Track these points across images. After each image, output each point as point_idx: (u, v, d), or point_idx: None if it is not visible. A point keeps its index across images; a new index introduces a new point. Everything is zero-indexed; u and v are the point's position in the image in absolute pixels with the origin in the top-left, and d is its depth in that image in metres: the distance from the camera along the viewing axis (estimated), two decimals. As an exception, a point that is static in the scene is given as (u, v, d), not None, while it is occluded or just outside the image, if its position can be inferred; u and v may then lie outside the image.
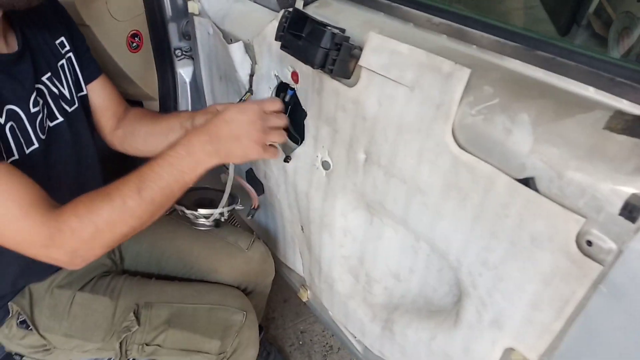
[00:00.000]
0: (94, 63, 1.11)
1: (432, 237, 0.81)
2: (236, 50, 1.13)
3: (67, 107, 1.00)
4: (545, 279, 0.65)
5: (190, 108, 1.64)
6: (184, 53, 1.56)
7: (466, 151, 0.70)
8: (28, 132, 0.87)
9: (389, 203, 0.87)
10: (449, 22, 0.75)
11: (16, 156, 0.84)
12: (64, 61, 1.01)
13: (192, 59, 1.58)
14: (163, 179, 0.82)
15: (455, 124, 0.71)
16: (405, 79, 0.75)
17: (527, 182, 0.64)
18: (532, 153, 0.62)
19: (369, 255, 1.04)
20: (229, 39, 1.19)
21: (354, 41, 0.84)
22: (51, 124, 0.96)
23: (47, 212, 0.77)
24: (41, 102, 0.92)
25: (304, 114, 1.03)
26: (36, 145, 0.89)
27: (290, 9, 0.93)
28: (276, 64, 1.06)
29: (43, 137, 0.91)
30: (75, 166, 1.03)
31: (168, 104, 1.61)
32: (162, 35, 1.49)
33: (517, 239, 0.67)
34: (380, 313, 1.05)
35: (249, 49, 1.14)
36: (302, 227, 1.22)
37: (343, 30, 0.85)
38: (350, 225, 1.04)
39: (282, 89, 1.13)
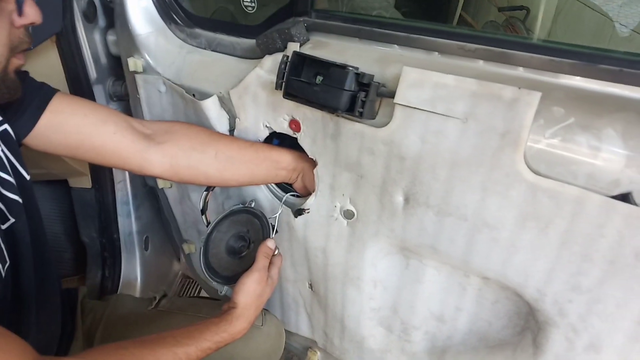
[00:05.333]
0: (36, 92, 0.79)
1: (504, 272, 0.76)
2: (211, 106, 0.99)
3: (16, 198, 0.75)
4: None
5: (128, 180, 1.43)
6: (113, 117, 1.36)
7: (542, 177, 0.67)
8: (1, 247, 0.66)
9: (442, 244, 0.80)
10: (488, 47, 0.72)
11: None
12: None
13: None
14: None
15: (525, 151, 0.67)
16: (456, 112, 0.70)
17: (625, 197, 0.62)
18: (627, 167, 0.61)
19: (404, 301, 0.96)
20: (191, 94, 1.05)
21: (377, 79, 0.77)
22: (3, 226, 0.71)
23: None
24: None
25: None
26: (7, 261, 0.68)
27: (286, 54, 0.84)
28: (266, 115, 0.95)
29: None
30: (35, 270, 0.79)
31: (102, 178, 1.38)
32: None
33: (618, 257, 0.64)
34: (427, 361, 0.98)
35: (223, 102, 1.02)
36: (310, 285, 1.10)
37: (356, 69, 0.78)
38: (381, 275, 0.95)
39: (266, 140, 1.02)
